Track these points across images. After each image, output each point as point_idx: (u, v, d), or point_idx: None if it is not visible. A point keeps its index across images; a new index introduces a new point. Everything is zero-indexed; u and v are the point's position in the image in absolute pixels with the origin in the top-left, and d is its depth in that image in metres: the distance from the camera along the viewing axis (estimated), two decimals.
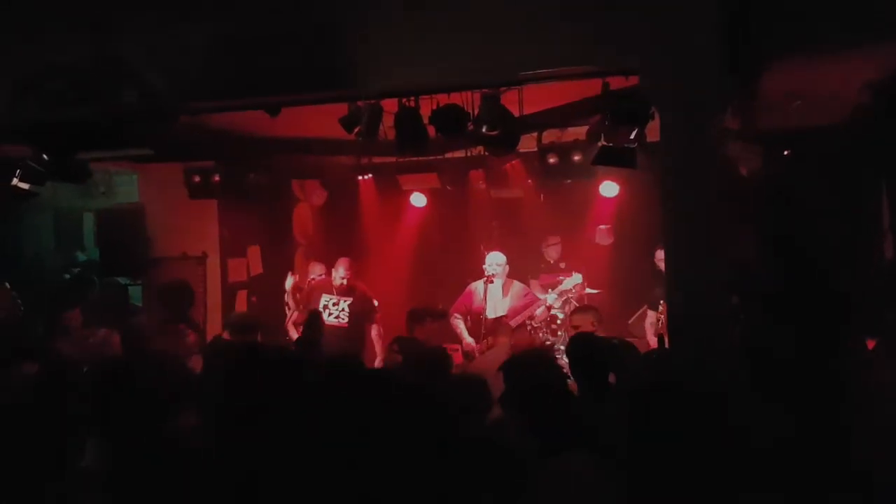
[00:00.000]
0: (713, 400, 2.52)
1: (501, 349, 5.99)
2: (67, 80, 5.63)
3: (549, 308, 7.43)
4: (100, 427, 3.07)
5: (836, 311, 4.16)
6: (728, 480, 2.33)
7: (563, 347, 6.43)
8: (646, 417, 2.43)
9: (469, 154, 7.79)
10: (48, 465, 3.04)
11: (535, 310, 7.33)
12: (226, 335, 6.14)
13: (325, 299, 7.74)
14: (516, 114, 5.57)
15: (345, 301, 7.70)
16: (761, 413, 2.95)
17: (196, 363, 5.32)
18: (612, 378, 3.86)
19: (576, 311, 6.78)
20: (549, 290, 7.57)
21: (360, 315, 7.71)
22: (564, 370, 3.92)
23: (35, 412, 3.30)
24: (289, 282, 8.03)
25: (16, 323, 6.52)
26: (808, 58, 5.07)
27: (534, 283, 8.23)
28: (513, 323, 7.13)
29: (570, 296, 7.64)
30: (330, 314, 7.66)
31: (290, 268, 9.05)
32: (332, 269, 7.89)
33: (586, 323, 6.05)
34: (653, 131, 5.13)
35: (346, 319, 7.69)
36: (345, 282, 7.71)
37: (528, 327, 7.48)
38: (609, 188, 8.18)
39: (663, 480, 2.33)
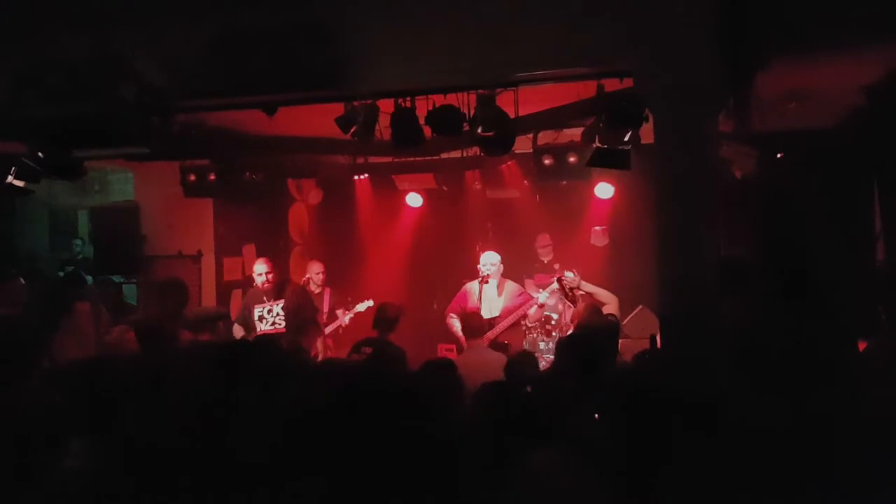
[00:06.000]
0: (704, 399, 2.54)
1: (475, 350, 6.02)
2: (64, 77, 5.63)
3: (541, 307, 7.44)
4: (95, 426, 3.08)
5: (829, 312, 4.18)
6: (718, 478, 2.35)
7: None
8: (636, 417, 2.45)
9: (465, 155, 7.81)
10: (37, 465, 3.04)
11: (528, 309, 7.35)
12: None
13: (258, 311, 7.26)
14: (512, 115, 5.58)
15: (277, 304, 7.23)
16: (753, 412, 2.97)
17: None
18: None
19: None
20: (541, 289, 7.60)
21: (298, 314, 7.09)
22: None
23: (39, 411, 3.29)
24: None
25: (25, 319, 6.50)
26: (802, 60, 5.09)
27: (529, 282, 8.24)
28: (506, 322, 7.15)
29: (561, 294, 7.64)
30: (266, 322, 7.22)
31: (285, 266, 9.05)
32: (252, 271, 7.46)
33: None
34: (647, 133, 5.15)
35: (283, 324, 7.16)
36: (269, 277, 7.31)
37: (523, 327, 7.50)
38: (604, 190, 8.21)
39: (653, 480, 2.35)
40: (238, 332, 7.35)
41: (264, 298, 7.32)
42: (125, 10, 5.51)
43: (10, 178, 6.52)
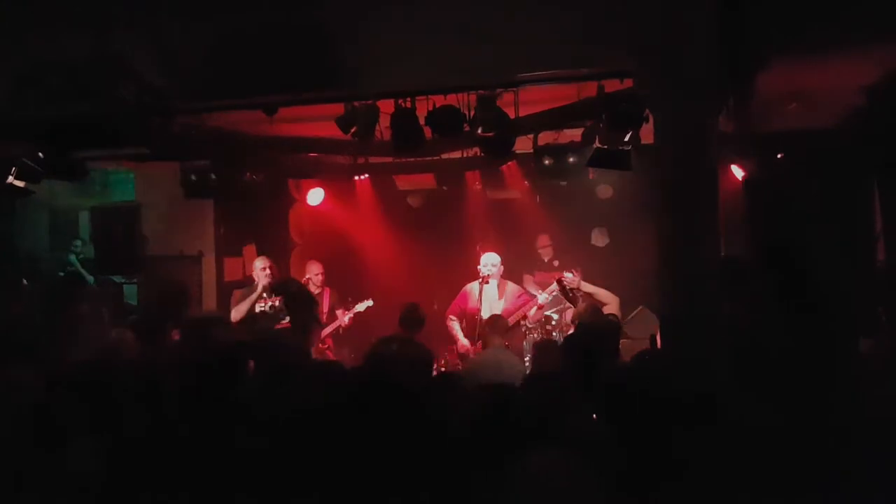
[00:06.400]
0: (704, 399, 2.54)
1: (495, 350, 5.99)
2: (64, 77, 5.64)
3: (541, 307, 7.44)
4: (95, 426, 3.09)
5: (829, 312, 4.18)
6: (717, 478, 2.36)
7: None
8: (635, 417, 2.45)
9: (465, 155, 7.81)
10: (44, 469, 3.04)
11: (528, 309, 7.35)
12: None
13: (259, 306, 7.19)
14: (512, 115, 5.59)
15: (280, 301, 7.13)
16: (753, 412, 2.97)
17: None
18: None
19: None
20: (541, 290, 7.60)
21: (299, 310, 7.00)
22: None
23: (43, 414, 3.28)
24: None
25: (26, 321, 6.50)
26: (802, 60, 5.09)
27: (528, 278, 8.24)
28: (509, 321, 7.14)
29: (561, 294, 7.63)
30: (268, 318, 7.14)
31: (286, 267, 9.05)
32: (252, 271, 7.43)
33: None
34: (647, 134, 5.15)
35: (287, 319, 7.05)
36: (272, 271, 7.29)
37: (523, 328, 7.49)
38: (604, 190, 8.21)
39: (652, 481, 2.35)
40: (237, 315, 7.29)
41: (265, 294, 7.32)
42: (126, 10, 5.51)
43: (10, 179, 6.53)
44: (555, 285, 7.31)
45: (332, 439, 2.50)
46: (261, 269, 7.35)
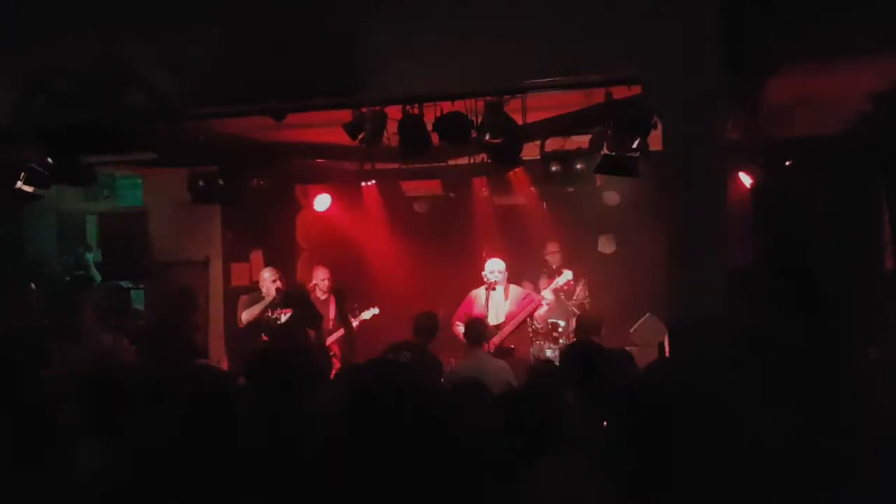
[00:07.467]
0: (712, 405, 2.53)
1: (476, 357, 6.01)
2: (73, 83, 5.66)
3: (548, 305, 7.47)
4: (105, 429, 3.09)
5: (837, 318, 4.16)
6: (724, 484, 2.34)
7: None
8: (643, 422, 2.44)
9: (472, 161, 7.81)
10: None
11: (533, 310, 7.36)
12: None
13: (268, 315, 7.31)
14: (519, 122, 5.59)
15: (285, 314, 7.18)
16: (761, 418, 2.96)
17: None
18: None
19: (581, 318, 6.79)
20: (543, 289, 7.62)
21: (306, 324, 7.09)
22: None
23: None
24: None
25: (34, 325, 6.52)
26: (809, 66, 5.09)
27: (527, 285, 8.24)
28: (510, 326, 7.15)
29: (563, 294, 7.65)
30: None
31: (293, 273, 9.06)
32: (260, 280, 7.48)
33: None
34: (655, 140, 5.15)
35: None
36: (278, 283, 7.32)
37: (530, 333, 7.49)
38: (611, 196, 8.20)
39: (657, 485, 2.34)
40: (248, 317, 7.37)
41: (270, 307, 7.33)
42: (133, 16, 5.54)
43: (19, 184, 6.55)
44: (558, 281, 7.36)
45: (343, 445, 2.49)
46: (270, 281, 7.37)
